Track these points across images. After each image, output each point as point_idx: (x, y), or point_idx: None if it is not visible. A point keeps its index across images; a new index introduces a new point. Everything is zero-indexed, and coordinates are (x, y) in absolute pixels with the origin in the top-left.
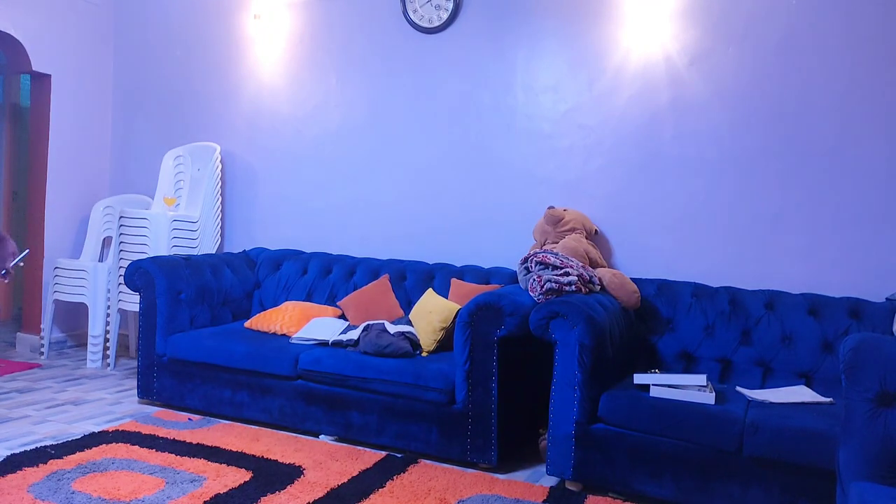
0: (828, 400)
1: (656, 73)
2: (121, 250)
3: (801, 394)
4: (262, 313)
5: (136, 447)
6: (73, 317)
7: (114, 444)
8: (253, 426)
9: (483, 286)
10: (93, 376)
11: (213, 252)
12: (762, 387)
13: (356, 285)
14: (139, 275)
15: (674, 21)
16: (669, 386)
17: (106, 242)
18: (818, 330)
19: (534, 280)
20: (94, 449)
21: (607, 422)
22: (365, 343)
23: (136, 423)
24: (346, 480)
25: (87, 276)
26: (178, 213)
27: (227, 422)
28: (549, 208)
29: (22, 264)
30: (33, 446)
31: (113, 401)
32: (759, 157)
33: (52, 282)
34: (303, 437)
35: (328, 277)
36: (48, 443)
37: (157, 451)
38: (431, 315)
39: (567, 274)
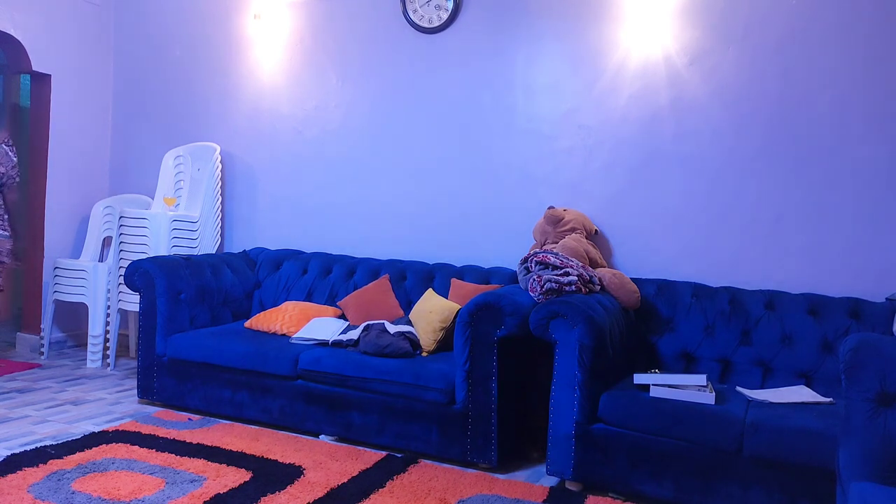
0: (828, 400)
1: (656, 73)
2: (121, 250)
3: (801, 394)
4: (262, 313)
5: (136, 447)
6: (73, 317)
7: (114, 444)
8: (253, 426)
9: (483, 286)
10: (93, 376)
11: (213, 252)
12: (762, 387)
13: (356, 285)
14: (139, 275)
15: (674, 21)
16: (669, 386)
17: (106, 242)
18: (818, 330)
19: (534, 280)
20: (94, 449)
21: (607, 422)
22: (365, 343)
23: (136, 423)
24: (346, 480)
25: (87, 276)
26: (178, 213)
27: (227, 422)
28: (549, 208)
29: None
30: (33, 446)
31: (113, 401)
32: (759, 156)
33: (52, 282)
34: (303, 437)
35: (328, 277)
36: (48, 443)
37: (157, 451)
38: (431, 315)
39: (567, 274)
